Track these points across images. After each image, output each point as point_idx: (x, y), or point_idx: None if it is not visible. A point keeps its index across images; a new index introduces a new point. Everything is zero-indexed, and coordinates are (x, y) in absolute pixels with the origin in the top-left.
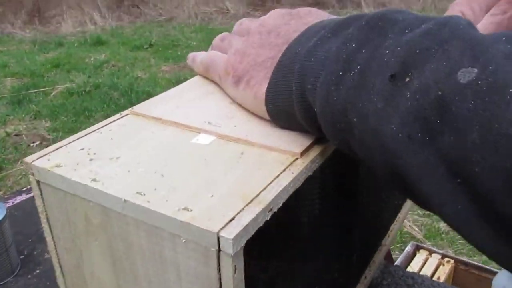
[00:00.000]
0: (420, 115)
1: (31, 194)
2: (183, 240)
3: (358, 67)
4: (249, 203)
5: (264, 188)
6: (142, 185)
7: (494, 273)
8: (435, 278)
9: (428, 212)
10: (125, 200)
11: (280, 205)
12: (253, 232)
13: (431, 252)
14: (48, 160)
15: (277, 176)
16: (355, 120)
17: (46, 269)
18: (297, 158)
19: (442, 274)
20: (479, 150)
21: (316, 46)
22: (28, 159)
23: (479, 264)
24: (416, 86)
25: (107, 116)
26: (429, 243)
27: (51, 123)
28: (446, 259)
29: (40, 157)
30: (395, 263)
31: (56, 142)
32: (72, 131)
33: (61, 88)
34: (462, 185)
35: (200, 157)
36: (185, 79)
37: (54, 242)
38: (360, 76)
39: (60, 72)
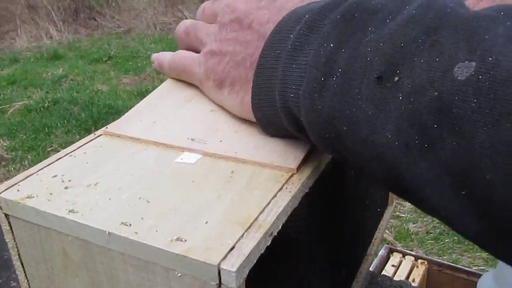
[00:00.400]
0: (416, 120)
1: None
2: (178, 275)
3: (340, 70)
4: (248, 228)
5: (262, 211)
6: (126, 214)
7: (467, 272)
8: (409, 280)
9: (396, 213)
10: (109, 232)
11: (280, 227)
12: (255, 261)
13: (404, 254)
14: (18, 190)
15: (274, 196)
16: (344, 129)
17: None
18: (293, 174)
19: (417, 276)
20: (489, 154)
21: (296, 48)
22: None
23: (451, 264)
24: (408, 87)
25: (68, 132)
26: (400, 244)
27: (10, 141)
28: (420, 260)
29: (8, 188)
30: (370, 268)
31: (16, 161)
32: (32, 149)
33: (18, 106)
34: (470, 198)
35: (187, 178)
36: (147, 91)
37: (27, 281)
38: (343, 80)
39: (16, 88)
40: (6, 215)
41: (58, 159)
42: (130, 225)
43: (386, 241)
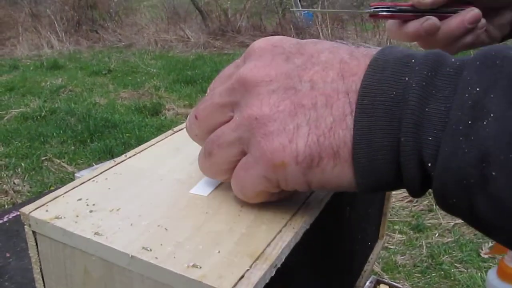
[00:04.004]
0: None
1: None
2: None
3: (492, 115)
4: (256, 260)
5: (269, 244)
6: (147, 239)
7: None
8: None
9: (385, 245)
10: (132, 256)
11: (283, 260)
12: None
13: (391, 286)
14: (47, 211)
15: (279, 231)
16: (493, 174)
17: None
18: (296, 212)
19: None
20: None
21: (425, 91)
22: (25, 209)
23: None
24: None
25: (63, 142)
26: (387, 276)
27: (4, 148)
28: None
29: (37, 208)
30: None
31: (9, 168)
32: (26, 157)
33: (15, 113)
34: None
35: (201, 210)
36: (145, 107)
37: None
38: (498, 126)
39: (14, 96)
40: (34, 232)
41: (82, 183)
42: (151, 250)
43: (374, 272)
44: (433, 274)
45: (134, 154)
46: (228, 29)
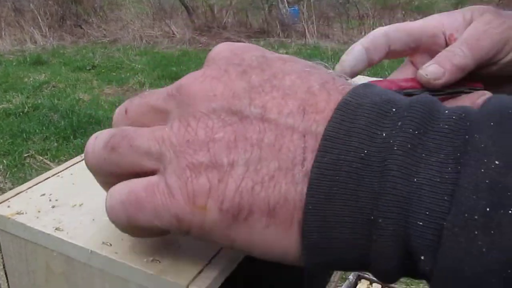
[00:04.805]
0: None
1: None
2: None
3: None
4: (216, 254)
5: None
6: (108, 234)
7: None
8: None
9: None
10: (91, 251)
11: (245, 254)
12: (220, 283)
13: (371, 282)
14: (8, 206)
15: None
16: None
17: None
18: None
19: None
20: None
21: (410, 153)
22: None
23: None
24: None
25: (46, 139)
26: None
27: None
28: None
29: None
30: None
31: None
32: (8, 153)
33: None
34: None
35: None
36: None
37: None
38: None
39: None
40: None
41: (46, 178)
42: (111, 245)
43: None
44: None
45: None
46: (214, 25)
